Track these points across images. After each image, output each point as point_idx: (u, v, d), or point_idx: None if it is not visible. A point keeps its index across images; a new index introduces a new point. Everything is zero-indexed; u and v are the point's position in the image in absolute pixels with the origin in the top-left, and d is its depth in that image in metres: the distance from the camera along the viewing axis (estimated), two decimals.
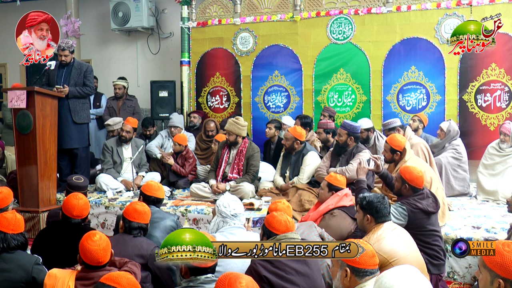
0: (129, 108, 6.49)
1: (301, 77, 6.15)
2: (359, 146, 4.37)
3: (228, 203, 2.85)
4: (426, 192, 3.13)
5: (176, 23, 6.88)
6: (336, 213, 3.27)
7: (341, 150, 4.40)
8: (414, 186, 3.11)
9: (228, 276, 1.71)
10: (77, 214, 2.78)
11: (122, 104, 6.52)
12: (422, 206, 3.02)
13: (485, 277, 1.74)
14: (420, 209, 3.01)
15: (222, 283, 1.69)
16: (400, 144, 3.74)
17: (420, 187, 3.13)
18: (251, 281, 1.71)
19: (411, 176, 3.11)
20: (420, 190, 3.12)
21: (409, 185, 3.12)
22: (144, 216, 2.74)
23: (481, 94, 5.50)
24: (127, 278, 1.83)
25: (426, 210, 3.02)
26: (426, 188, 3.20)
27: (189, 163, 5.35)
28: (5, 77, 8.47)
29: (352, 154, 4.32)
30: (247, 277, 1.74)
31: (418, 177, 3.11)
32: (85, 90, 5.13)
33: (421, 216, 3.01)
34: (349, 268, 1.95)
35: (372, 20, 5.81)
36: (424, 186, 3.17)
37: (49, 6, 6.94)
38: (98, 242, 2.18)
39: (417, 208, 3.01)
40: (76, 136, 5.15)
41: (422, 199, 3.06)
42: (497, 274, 1.68)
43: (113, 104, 6.54)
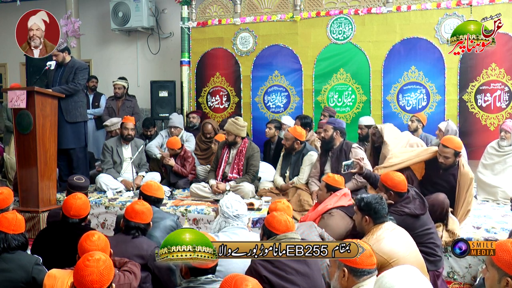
0: (128, 109, 6.48)
1: (301, 77, 6.15)
2: (347, 142, 4.32)
3: (231, 204, 2.83)
4: (411, 195, 3.10)
5: (176, 23, 6.88)
6: (335, 213, 3.27)
7: (328, 146, 4.36)
8: (398, 192, 3.09)
9: (234, 277, 1.70)
10: (74, 214, 2.76)
11: (122, 104, 6.52)
12: (410, 211, 3.00)
13: (492, 276, 1.73)
14: (407, 214, 2.99)
15: (228, 284, 1.68)
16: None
17: (404, 191, 3.10)
18: (257, 284, 1.70)
19: (393, 182, 3.09)
20: (405, 194, 3.10)
21: (393, 191, 3.10)
22: (143, 216, 2.72)
23: (481, 94, 5.50)
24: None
25: (413, 214, 3.00)
26: (412, 190, 3.17)
27: (189, 162, 5.35)
28: (5, 77, 8.47)
29: (342, 151, 4.25)
30: (253, 280, 1.72)
31: (400, 181, 3.09)
32: (70, 86, 4.97)
33: (410, 220, 2.99)
34: (346, 268, 1.95)
35: (372, 20, 5.81)
36: (408, 188, 3.15)
37: (49, 6, 6.93)
38: (97, 242, 2.17)
39: (404, 213, 2.99)
40: (71, 136, 5.11)
41: (409, 203, 3.04)
42: (505, 273, 1.68)
43: (112, 104, 6.54)
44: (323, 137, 4.38)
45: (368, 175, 3.66)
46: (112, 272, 1.82)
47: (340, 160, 4.21)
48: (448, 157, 3.60)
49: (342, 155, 4.23)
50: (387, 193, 3.12)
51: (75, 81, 5.04)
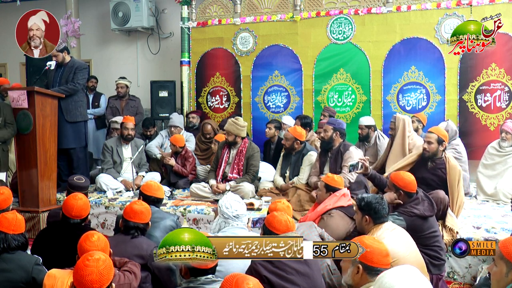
0: (132, 108, 6.47)
1: (301, 77, 6.15)
2: (345, 143, 4.32)
3: (230, 204, 2.83)
4: (420, 196, 3.11)
5: (176, 23, 6.88)
6: (334, 213, 3.27)
7: (327, 146, 4.36)
8: (408, 192, 3.10)
9: (235, 276, 1.70)
10: (76, 214, 2.77)
11: (126, 104, 6.50)
12: (419, 212, 3.01)
13: (500, 269, 1.74)
14: (417, 215, 3.00)
15: (229, 283, 1.67)
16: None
17: (414, 191, 3.11)
18: (257, 283, 1.70)
19: (404, 182, 3.10)
20: (414, 194, 3.11)
21: (403, 191, 3.10)
22: (141, 215, 2.71)
23: (481, 94, 5.49)
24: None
25: (423, 215, 3.01)
26: (420, 191, 3.17)
27: (189, 162, 5.35)
28: (5, 77, 8.46)
29: (339, 152, 4.26)
30: (254, 279, 1.71)
31: (410, 181, 3.10)
32: (69, 87, 4.98)
33: (419, 222, 3.00)
34: (361, 265, 1.93)
35: (372, 20, 5.81)
36: (417, 189, 3.15)
37: (49, 6, 6.93)
38: (97, 243, 2.17)
39: (414, 214, 3.00)
40: (71, 136, 5.11)
41: (418, 204, 3.05)
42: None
43: (116, 103, 6.51)
44: (323, 137, 4.38)
45: (373, 176, 3.66)
46: (111, 272, 1.80)
47: (337, 161, 4.22)
48: (431, 142, 3.66)
49: (339, 156, 4.23)
50: (397, 192, 3.12)
51: (74, 81, 5.04)
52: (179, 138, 5.35)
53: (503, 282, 1.74)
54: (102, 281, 1.74)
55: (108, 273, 1.77)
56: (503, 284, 1.74)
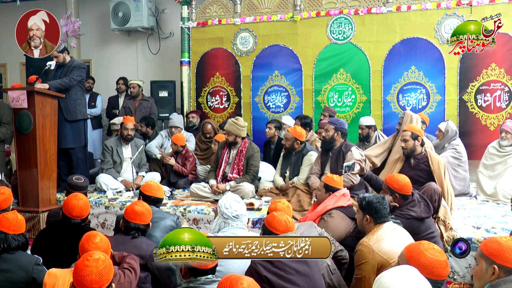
0: (145, 109, 6.39)
1: (301, 77, 6.15)
2: (347, 143, 4.31)
3: (230, 204, 2.82)
4: (416, 198, 3.10)
5: (176, 23, 6.88)
6: (334, 213, 3.26)
7: (328, 146, 4.35)
8: (404, 194, 3.09)
9: (229, 278, 1.70)
10: (77, 215, 2.77)
11: (139, 104, 6.41)
12: (416, 214, 3.01)
13: (480, 267, 1.83)
14: (413, 218, 3.00)
15: (223, 285, 1.68)
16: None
17: (409, 193, 3.10)
18: (252, 282, 1.70)
19: (399, 184, 3.09)
20: (410, 196, 3.10)
21: (398, 194, 3.10)
22: (142, 216, 2.71)
23: (481, 94, 5.50)
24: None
25: (419, 217, 3.01)
26: (416, 193, 3.17)
27: (190, 162, 5.35)
28: (5, 77, 8.47)
29: (340, 152, 4.25)
30: (249, 278, 1.72)
31: (405, 184, 3.09)
32: (64, 80, 4.97)
33: (416, 224, 3.00)
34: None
35: (372, 20, 5.81)
36: (413, 191, 3.15)
37: (49, 6, 6.94)
38: (99, 244, 2.17)
39: (411, 217, 3.00)
40: (71, 136, 5.11)
41: (414, 206, 3.05)
42: (493, 261, 1.79)
43: (129, 104, 6.44)
44: (324, 137, 4.38)
45: (369, 177, 3.66)
46: (111, 272, 1.80)
47: (339, 162, 4.21)
48: (407, 140, 3.87)
49: (341, 157, 4.22)
50: (393, 195, 3.11)
51: (69, 76, 5.03)
52: (180, 137, 5.36)
53: (483, 279, 1.82)
54: (102, 281, 1.75)
55: (107, 273, 1.78)
56: (484, 282, 1.81)
